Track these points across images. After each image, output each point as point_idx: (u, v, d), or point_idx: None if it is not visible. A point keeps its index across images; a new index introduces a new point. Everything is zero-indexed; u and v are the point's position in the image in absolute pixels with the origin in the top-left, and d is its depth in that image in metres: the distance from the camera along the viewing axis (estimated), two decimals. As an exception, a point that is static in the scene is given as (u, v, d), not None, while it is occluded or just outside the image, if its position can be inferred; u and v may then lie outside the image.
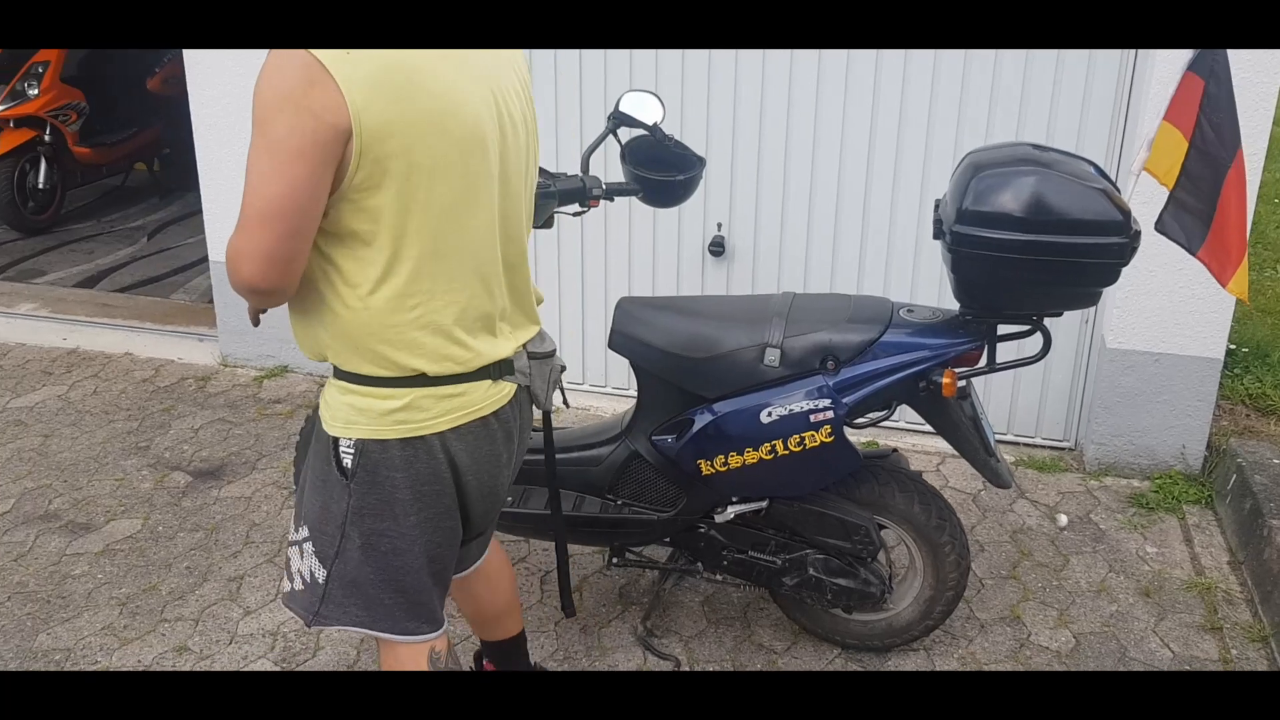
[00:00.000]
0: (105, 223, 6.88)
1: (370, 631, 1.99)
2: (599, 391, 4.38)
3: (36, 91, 6.33)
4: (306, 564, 1.95)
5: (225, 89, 4.28)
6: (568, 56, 3.99)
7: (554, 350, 2.09)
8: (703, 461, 2.61)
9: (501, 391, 1.92)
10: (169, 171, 7.48)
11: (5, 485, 3.72)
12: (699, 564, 2.83)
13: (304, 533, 1.95)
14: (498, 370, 1.91)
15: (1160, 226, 2.44)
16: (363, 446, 1.84)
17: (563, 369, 2.13)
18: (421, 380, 1.82)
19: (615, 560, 2.91)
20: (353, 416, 1.83)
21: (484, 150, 1.78)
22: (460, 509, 1.97)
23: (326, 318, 1.80)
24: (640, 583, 3.20)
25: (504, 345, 1.93)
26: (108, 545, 3.38)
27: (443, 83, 1.72)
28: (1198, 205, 2.39)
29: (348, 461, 1.85)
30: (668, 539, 2.82)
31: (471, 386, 1.87)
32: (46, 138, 6.45)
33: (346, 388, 1.84)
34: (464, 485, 1.94)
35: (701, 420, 2.61)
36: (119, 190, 7.57)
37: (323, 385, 1.97)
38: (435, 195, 1.72)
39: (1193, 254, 2.43)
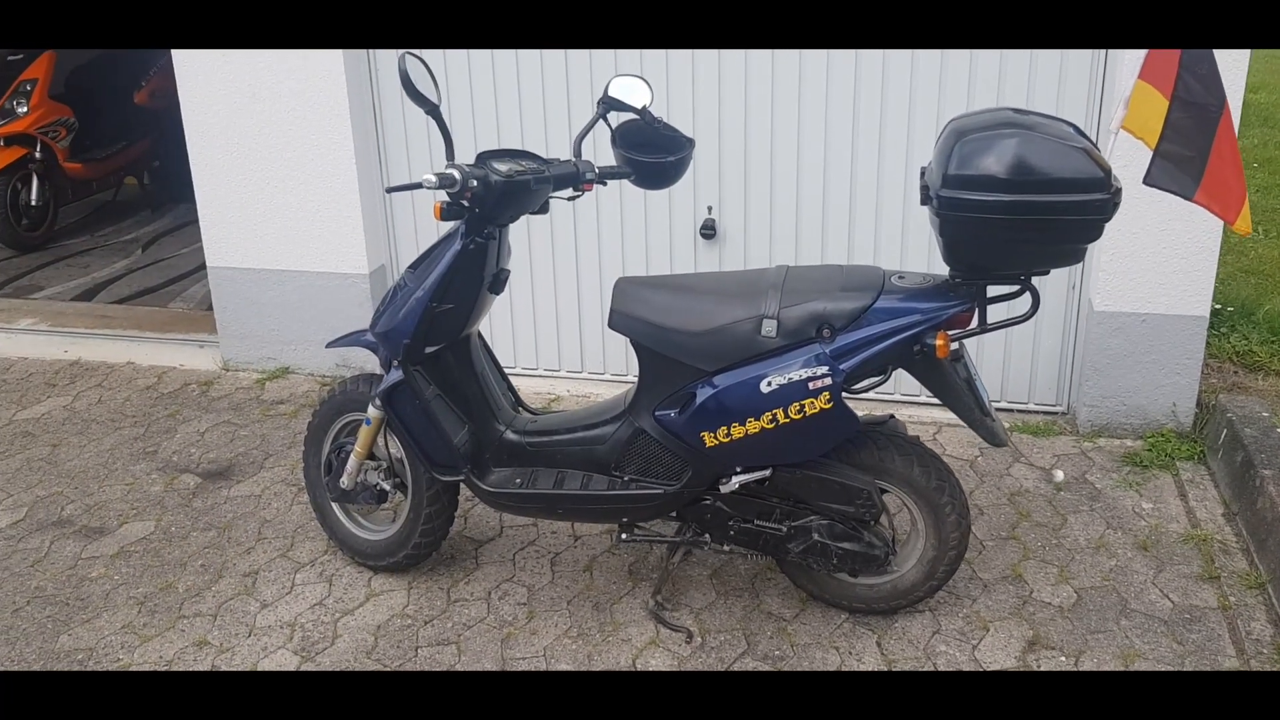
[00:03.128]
0: (99, 237, 6.92)
1: None
2: (598, 379, 4.44)
3: (26, 109, 6.38)
4: None
5: (218, 96, 4.33)
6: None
7: None
8: (706, 434, 2.67)
9: None
10: (159, 184, 7.52)
11: (17, 494, 3.77)
12: (707, 536, 2.88)
13: None
14: None
15: (1150, 180, 2.50)
16: None
17: None
18: None
19: (624, 536, 2.97)
20: None
21: None
22: None
23: None
24: (648, 559, 3.26)
25: None
26: (122, 547, 3.43)
27: None
28: (1186, 154, 2.45)
29: None
30: (675, 512, 2.88)
31: None
32: (37, 155, 6.50)
33: None
34: None
35: (703, 393, 2.67)
36: (110, 205, 7.61)
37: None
38: None
39: (1189, 199, 2.49)
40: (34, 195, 6.53)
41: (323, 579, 3.24)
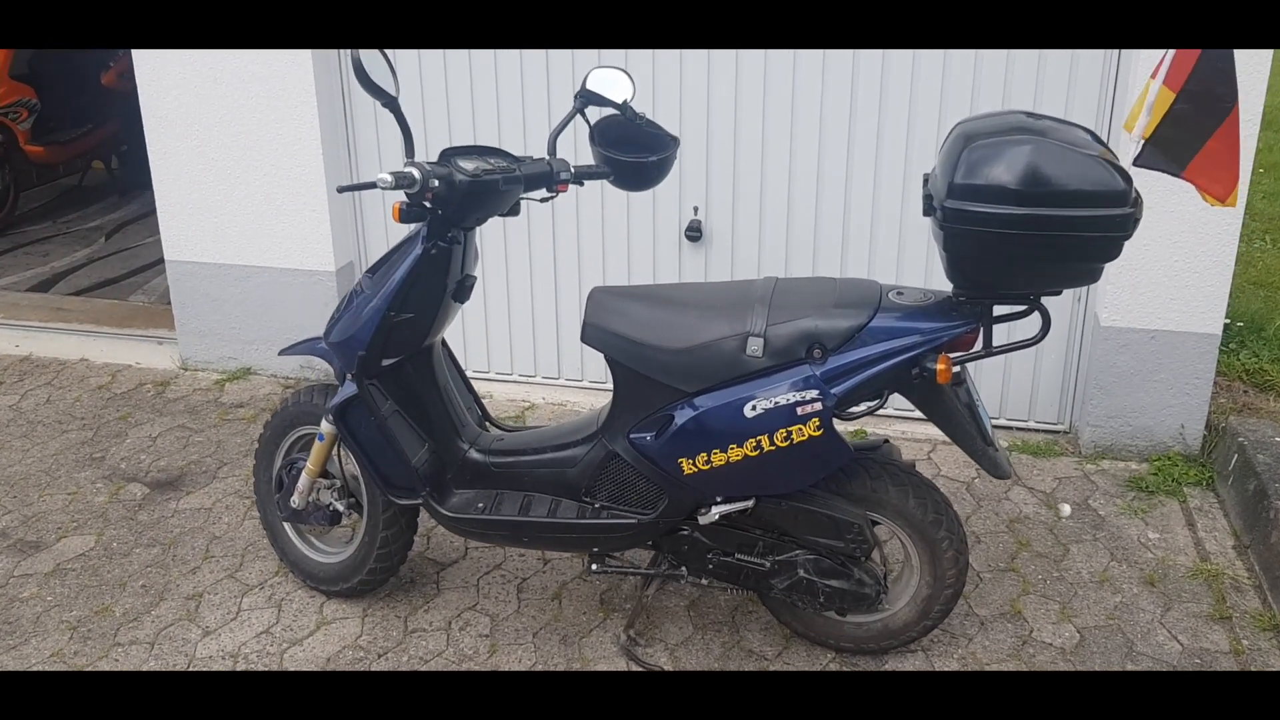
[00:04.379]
0: (61, 223, 6.66)
1: None
2: (575, 386, 4.22)
3: (-17, 90, 6.11)
4: None
5: (177, 81, 4.09)
6: (532, 36, 3.82)
7: None
8: (684, 460, 2.45)
9: None
10: (127, 169, 7.26)
11: (-50, 503, 3.53)
12: (683, 568, 2.67)
13: None
14: None
15: (1139, 161, 2.32)
16: None
17: None
18: None
19: (595, 566, 2.75)
20: None
21: None
22: None
23: None
24: (622, 588, 3.04)
25: None
26: (58, 564, 3.19)
27: None
28: (1181, 136, 2.28)
29: None
30: (650, 542, 2.67)
31: None
32: (-4, 137, 6.23)
33: None
34: None
35: (682, 416, 2.45)
36: (76, 190, 7.34)
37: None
38: None
39: (1179, 175, 2.31)
40: (-8, 179, 6.26)
41: (271, 604, 3.01)
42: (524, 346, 4.23)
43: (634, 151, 2.72)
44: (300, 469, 2.90)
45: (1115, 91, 3.41)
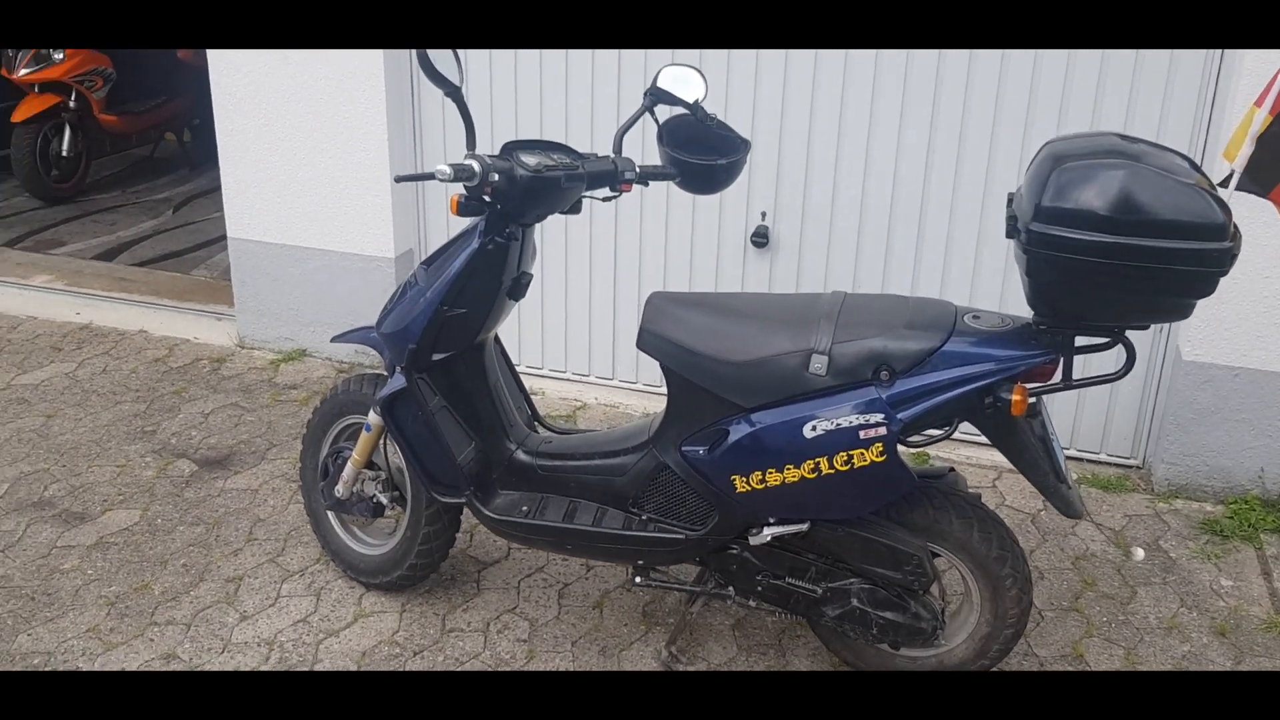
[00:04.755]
0: (131, 193, 6.71)
1: None
2: (629, 388, 4.14)
3: (62, 56, 6.16)
4: None
5: (248, 58, 4.07)
6: (606, 29, 3.74)
7: None
8: (737, 477, 2.36)
9: None
10: (199, 143, 7.31)
11: (1, 468, 3.53)
12: (730, 588, 2.57)
13: None
14: None
15: (1235, 186, 2.20)
16: None
17: None
18: None
19: (639, 578, 2.67)
20: None
21: None
22: None
23: None
24: (666, 601, 2.96)
25: None
26: (101, 538, 3.18)
27: None
28: (1274, 157, 2.15)
29: None
30: (697, 559, 2.58)
31: None
32: (71, 104, 6.29)
33: None
34: None
35: (737, 431, 2.35)
36: (148, 161, 7.41)
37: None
38: None
39: (1265, 196, 2.21)
40: (65, 146, 6.31)
41: (310, 592, 2.97)
42: (579, 345, 4.15)
43: (703, 153, 2.63)
44: (346, 458, 2.85)
45: (1211, 115, 3.25)
